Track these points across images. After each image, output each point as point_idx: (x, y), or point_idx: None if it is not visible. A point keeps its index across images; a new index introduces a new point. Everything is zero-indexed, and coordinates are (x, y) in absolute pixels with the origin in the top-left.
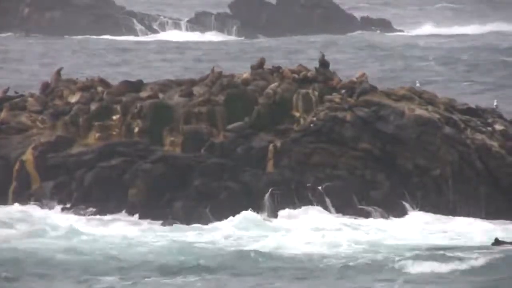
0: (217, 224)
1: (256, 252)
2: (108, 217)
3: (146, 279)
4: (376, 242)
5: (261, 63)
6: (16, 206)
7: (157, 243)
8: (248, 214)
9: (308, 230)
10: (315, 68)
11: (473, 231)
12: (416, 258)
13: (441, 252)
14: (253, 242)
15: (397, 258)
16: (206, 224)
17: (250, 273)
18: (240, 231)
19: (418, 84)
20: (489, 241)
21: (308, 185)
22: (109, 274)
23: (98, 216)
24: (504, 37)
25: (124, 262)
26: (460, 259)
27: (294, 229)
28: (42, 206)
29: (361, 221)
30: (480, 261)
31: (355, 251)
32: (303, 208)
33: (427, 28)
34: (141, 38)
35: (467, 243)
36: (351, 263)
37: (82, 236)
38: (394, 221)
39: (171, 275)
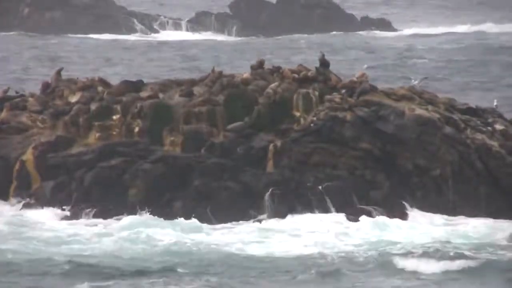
0: (217, 223)
1: (256, 252)
2: (108, 217)
3: (145, 279)
4: (376, 241)
5: (261, 63)
6: (15, 207)
7: (156, 243)
8: (247, 215)
9: (308, 230)
10: (316, 68)
11: (473, 230)
12: (415, 257)
13: (440, 251)
14: (252, 243)
15: (395, 257)
16: (206, 224)
17: (250, 274)
18: (240, 232)
19: (413, 81)
20: (488, 240)
21: (308, 185)
22: (107, 274)
23: (97, 216)
24: (503, 36)
25: (123, 262)
26: (459, 258)
27: (294, 229)
28: (41, 206)
29: (361, 220)
30: (480, 260)
31: (355, 250)
32: (303, 208)
33: (426, 27)
34: (141, 38)
35: (467, 243)
36: (351, 262)
37: (81, 236)
38: (393, 221)
39: (170, 276)
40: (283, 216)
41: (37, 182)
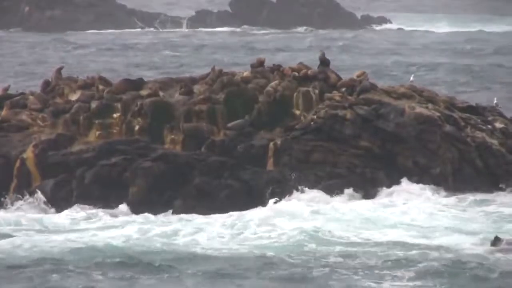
0: (216, 222)
1: (254, 250)
2: (108, 215)
3: (143, 278)
4: (375, 239)
5: (260, 62)
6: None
7: (156, 242)
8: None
9: (307, 228)
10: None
11: (472, 228)
12: (414, 254)
13: (439, 250)
14: (250, 241)
15: (394, 256)
16: (206, 222)
17: (249, 271)
18: (238, 230)
19: (412, 79)
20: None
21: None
22: (106, 273)
23: (98, 214)
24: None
25: (123, 261)
26: (459, 257)
27: (293, 227)
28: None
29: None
30: (480, 256)
31: (353, 247)
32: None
33: (427, 25)
34: (142, 36)
35: (466, 241)
36: (351, 259)
37: (81, 235)
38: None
39: (169, 275)
40: (282, 214)
41: (38, 180)
